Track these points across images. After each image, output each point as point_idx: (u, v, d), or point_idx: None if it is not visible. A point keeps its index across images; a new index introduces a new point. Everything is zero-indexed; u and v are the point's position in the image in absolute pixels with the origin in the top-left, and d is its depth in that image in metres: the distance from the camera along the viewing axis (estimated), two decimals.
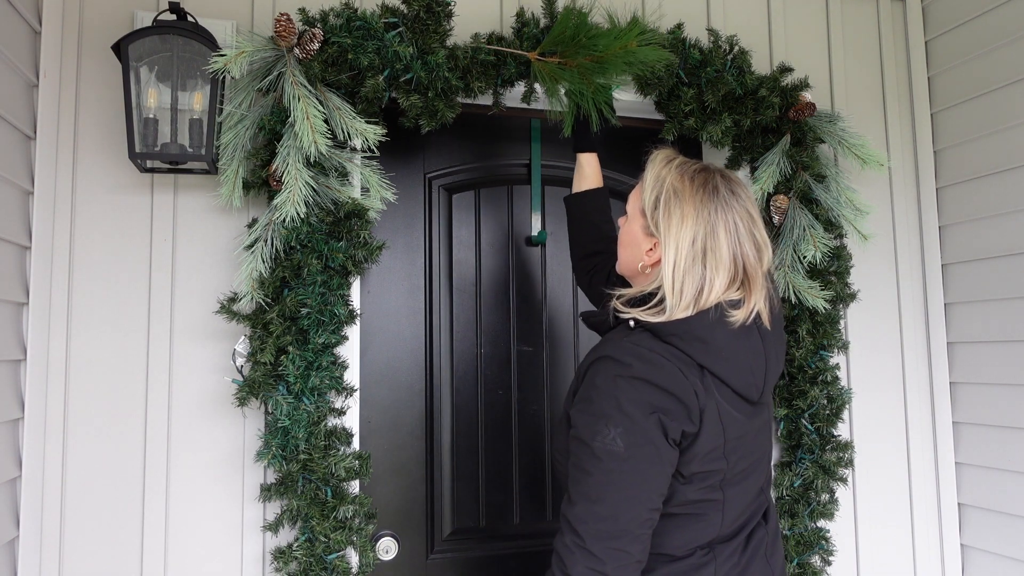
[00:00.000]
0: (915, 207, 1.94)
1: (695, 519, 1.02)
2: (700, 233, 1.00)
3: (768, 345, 1.05)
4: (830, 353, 1.65)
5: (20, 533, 1.29)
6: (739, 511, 1.05)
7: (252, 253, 1.30)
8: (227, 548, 1.40)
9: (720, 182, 1.04)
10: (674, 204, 1.02)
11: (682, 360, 0.97)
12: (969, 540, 1.82)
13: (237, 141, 1.32)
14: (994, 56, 1.77)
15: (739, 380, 1.00)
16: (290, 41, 1.30)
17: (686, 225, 1.00)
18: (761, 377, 1.03)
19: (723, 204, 1.02)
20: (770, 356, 1.05)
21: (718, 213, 1.01)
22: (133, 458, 1.37)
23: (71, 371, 1.35)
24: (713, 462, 0.99)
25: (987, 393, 1.78)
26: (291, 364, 1.29)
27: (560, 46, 1.45)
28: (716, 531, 1.03)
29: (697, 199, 1.02)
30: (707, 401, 0.97)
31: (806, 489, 1.61)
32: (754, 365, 1.02)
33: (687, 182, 1.03)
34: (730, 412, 1.00)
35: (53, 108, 1.37)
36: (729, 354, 0.99)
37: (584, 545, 0.95)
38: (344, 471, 1.32)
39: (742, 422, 1.01)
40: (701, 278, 1.00)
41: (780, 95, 1.65)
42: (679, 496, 1.00)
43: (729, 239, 1.01)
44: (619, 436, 0.95)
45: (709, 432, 0.97)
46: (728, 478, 1.02)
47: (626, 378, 0.96)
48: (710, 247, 1.00)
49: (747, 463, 1.04)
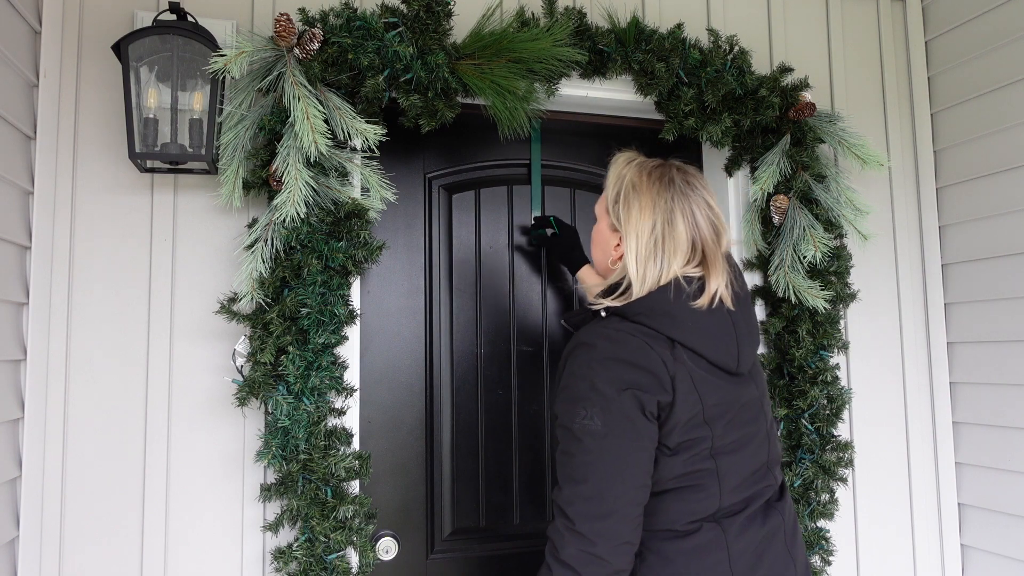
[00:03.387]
0: (915, 207, 1.94)
1: (692, 490, 1.04)
2: (658, 221, 1.07)
3: (736, 317, 1.09)
4: (830, 353, 1.65)
5: (20, 533, 1.29)
6: (739, 481, 1.06)
7: (252, 253, 1.30)
8: (227, 548, 1.40)
9: (676, 175, 1.11)
10: (633, 197, 1.10)
11: (649, 335, 1.03)
12: (969, 540, 1.82)
13: (237, 141, 1.32)
14: (994, 56, 1.77)
15: (711, 350, 1.04)
16: (290, 41, 1.30)
17: (644, 215, 1.08)
18: (734, 347, 1.07)
19: (679, 193, 1.09)
20: (739, 327, 1.09)
21: (675, 201, 1.08)
22: (133, 458, 1.37)
23: (71, 371, 1.35)
24: (695, 430, 1.02)
25: (987, 393, 1.78)
26: (291, 364, 1.29)
27: (480, 49, 1.44)
28: (716, 501, 1.04)
29: (654, 191, 1.09)
30: (677, 369, 1.01)
31: (806, 489, 1.61)
32: (723, 335, 1.07)
33: (644, 177, 1.11)
34: (706, 379, 1.03)
35: (53, 108, 1.37)
36: (695, 326, 1.04)
37: (574, 527, 0.97)
38: (344, 471, 1.32)
39: (724, 390, 1.05)
40: (661, 262, 1.07)
41: (780, 95, 1.65)
42: (670, 469, 1.02)
43: (686, 224, 1.08)
44: (596, 415, 0.99)
45: (684, 400, 1.01)
46: (718, 447, 1.04)
47: (597, 360, 1.01)
48: (668, 233, 1.07)
49: (739, 433, 1.07)
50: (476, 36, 1.45)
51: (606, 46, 1.57)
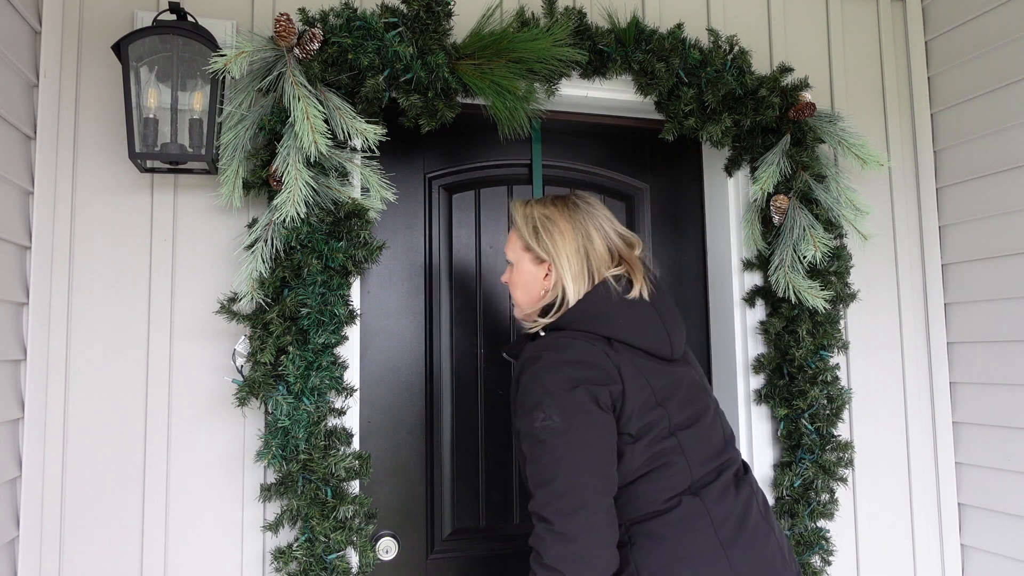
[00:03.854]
0: (915, 207, 1.94)
1: (663, 469, 1.09)
2: (580, 240, 1.20)
3: (660, 308, 1.19)
4: (830, 353, 1.65)
5: (20, 533, 1.29)
6: (704, 454, 1.12)
7: (252, 253, 1.30)
8: (227, 548, 1.40)
9: (577, 199, 1.24)
10: (551, 226, 1.21)
11: (587, 336, 1.11)
12: (969, 540, 1.82)
13: (237, 141, 1.31)
14: (994, 56, 1.77)
15: (643, 340, 1.13)
16: (290, 41, 1.30)
17: (567, 237, 1.19)
18: (664, 335, 1.16)
19: (587, 213, 1.22)
20: (665, 317, 1.18)
21: (587, 221, 1.21)
22: (133, 458, 1.37)
23: (71, 371, 1.35)
24: (650, 413, 1.09)
25: (987, 393, 1.78)
26: (291, 364, 1.29)
27: (480, 49, 1.45)
28: (688, 475, 1.09)
29: (567, 215, 1.21)
30: (620, 359, 1.09)
31: (806, 489, 1.61)
32: (653, 326, 1.15)
33: (552, 207, 1.23)
34: (648, 366, 1.11)
35: (53, 108, 1.37)
36: (624, 321, 1.13)
37: (553, 528, 1.00)
38: (344, 471, 1.32)
39: (666, 374, 1.13)
40: (592, 272, 1.18)
41: (780, 95, 1.65)
42: (637, 455, 1.08)
43: (602, 237, 1.21)
44: (553, 414, 1.04)
45: (634, 386, 1.08)
46: (675, 423, 1.11)
47: (544, 367, 1.08)
48: (590, 248, 1.20)
49: (692, 409, 1.14)
50: (476, 36, 1.45)
51: (606, 46, 1.57)
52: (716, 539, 1.06)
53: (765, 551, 1.10)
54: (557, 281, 1.19)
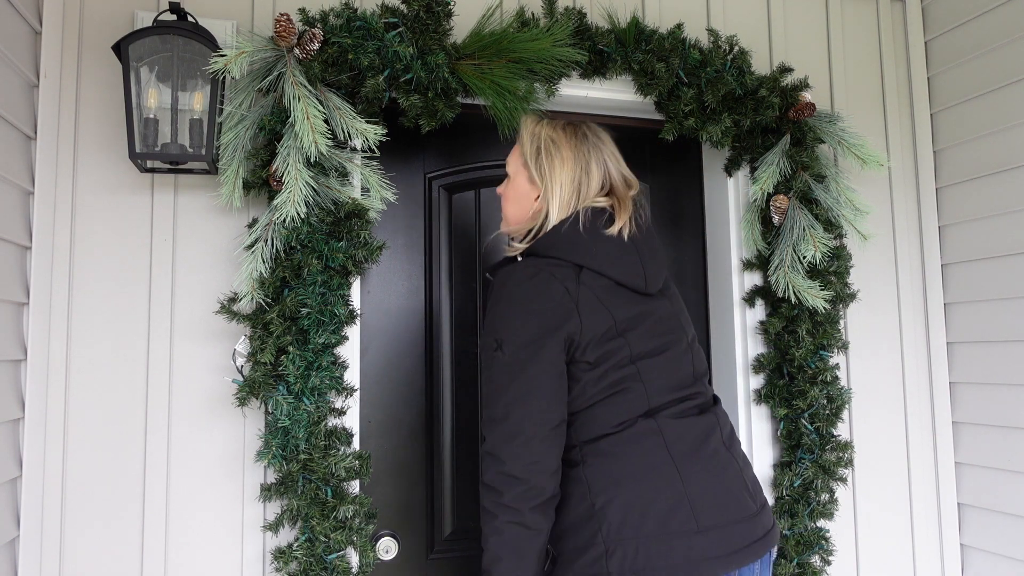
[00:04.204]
0: (915, 207, 1.94)
1: (619, 394, 1.11)
2: (578, 172, 1.19)
3: (639, 243, 1.18)
4: (830, 353, 1.65)
5: (20, 533, 1.29)
6: (665, 384, 1.13)
7: (252, 253, 1.30)
8: (227, 548, 1.40)
9: (587, 130, 1.23)
10: (554, 151, 1.20)
11: (555, 264, 1.12)
12: (969, 540, 1.82)
13: (237, 141, 1.32)
14: (994, 56, 1.77)
15: (615, 271, 1.14)
16: (290, 41, 1.30)
17: (566, 167, 1.19)
18: (639, 268, 1.16)
19: (593, 147, 1.21)
20: (642, 251, 1.18)
21: (591, 154, 1.20)
22: (133, 458, 1.37)
23: (71, 371, 1.35)
24: (610, 342, 1.10)
25: (987, 393, 1.78)
26: (291, 364, 1.29)
27: (480, 49, 1.45)
28: (645, 401, 1.11)
29: (572, 144, 1.20)
30: (581, 293, 1.10)
31: (806, 489, 1.61)
32: (627, 258, 1.16)
33: (560, 132, 1.22)
34: (614, 298, 1.12)
35: (53, 108, 1.37)
36: (599, 250, 1.14)
37: (490, 450, 1.07)
38: (344, 471, 1.32)
39: (636, 305, 1.14)
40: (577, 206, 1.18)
41: (780, 95, 1.65)
42: (594, 382, 1.10)
43: (600, 172, 1.20)
44: (503, 344, 1.08)
45: (593, 317, 1.09)
46: (636, 353, 1.12)
47: (506, 298, 1.11)
48: (584, 182, 1.19)
49: (659, 341, 1.15)
50: (476, 36, 1.46)
51: (606, 46, 1.57)
52: (668, 455, 1.07)
53: (724, 475, 1.09)
54: (544, 207, 1.19)
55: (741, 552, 1.04)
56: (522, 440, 1.05)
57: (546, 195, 1.19)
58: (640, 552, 1.01)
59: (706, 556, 1.01)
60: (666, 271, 1.23)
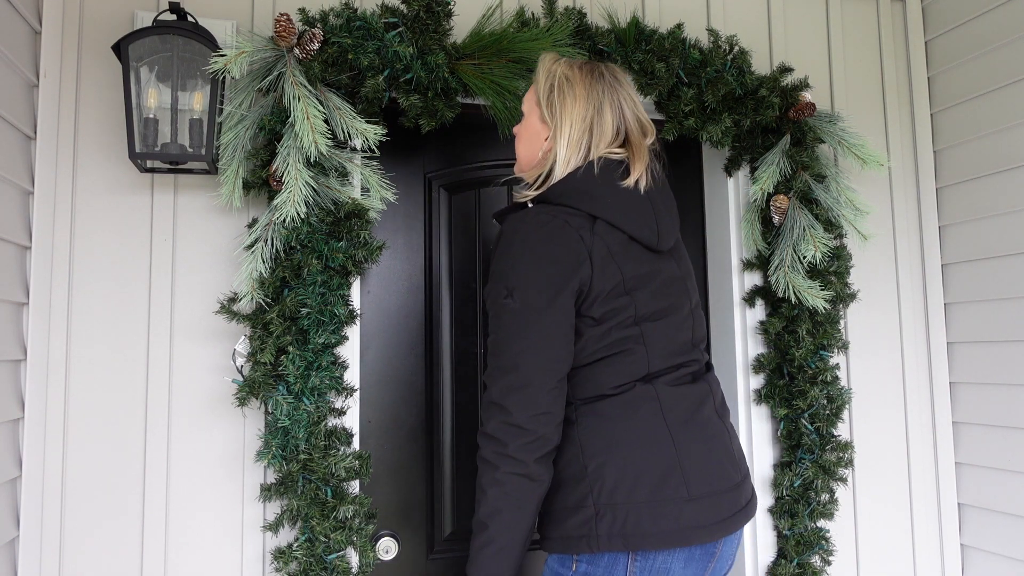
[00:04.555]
0: (915, 207, 1.94)
1: (621, 355, 1.08)
2: (590, 111, 1.13)
3: (654, 197, 1.14)
4: (830, 353, 1.65)
5: (20, 533, 1.29)
6: (666, 348, 1.11)
7: (252, 253, 1.30)
8: (227, 548, 1.40)
9: (605, 70, 1.18)
10: (567, 88, 1.15)
11: (569, 213, 1.08)
12: (969, 540, 1.82)
13: (237, 141, 1.32)
14: (994, 56, 1.77)
15: (629, 224, 1.09)
16: (290, 41, 1.30)
17: (578, 105, 1.13)
18: (653, 223, 1.12)
19: (608, 87, 1.15)
20: (657, 205, 1.14)
21: (605, 94, 1.15)
22: (133, 458, 1.37)
23: (71, 371, 1.35)
24: (617, 299, 1.07)
25: (987, 393, 1.78)
26: (291, 364, 1.29)
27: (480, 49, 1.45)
28: (645, 365, 1.09)
29: (586, 83, 1.15)
30: (595, 243, 1.06)
31: (806, 489, 1.61)
32: (642, 212, 1.11)
33: (576, 70, 1.17)
34: (625, 253, 1.08)
35: (53, 108, 1.37)
36: (614, 201, 1.09)
37: (495, 399, 1.04)
38: (344, 471, 1.32)
39: (645, 263, 1.10)
40: (588, 148, 1.13)
41: (780, 95, 1.65)
42: (596, 339, 1.07)
43: (614, 115, 1.15)
44: (513, 292, 1.05)
45: (603, 272, 1.06)
46: (642, 314, 1.09)
47: (517, 244, 1.06)
48: (597, 123, 1.14)
49: (663, 303, 1.12)
50: (476, 36, 1.46)
51: (606, 46, 1.57)
52: (663, 422, 1.06)
53: (714, 444, 1.09)
54: (554, 148, 1.15)
55: (727, 521, 1.05)
56: (531, 391, 1.02)
57: (555, 135, 1.14)
58: (630, 517, 1.01)
59: (694, 524, 1.02)
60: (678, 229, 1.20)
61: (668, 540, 1.01)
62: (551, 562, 1.10)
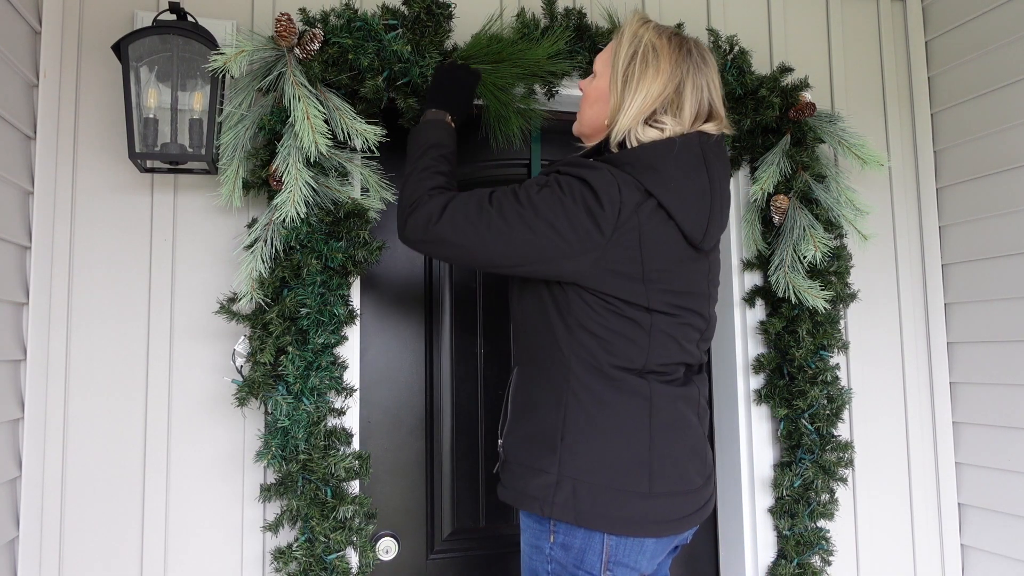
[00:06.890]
0: (915, 207, 1.94)
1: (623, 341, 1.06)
2: (669, 88, 1.08)
3: (715, 191, 1.09)
4: (830, 353, 1.65)
5: (20, 533, 1.29)
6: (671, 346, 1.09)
7: (252, 253, 1.30)
8: (227, 548, 1.40)
9: (693, 46, 1.11)
10: (651, 58, 1.08)
11: (627, 181, 1.02)
12: (969, 540, 1.82)
13: (237, 141, 1.31)
14: (994, 56, 1.77)
15: (684, 215, 1.04)
16: (290, 41, 1.30)
17: (659, 79, 1.07)
18: (705, 218, 1.07)
19: (694, 66, 1.09)
20: (715, 202, 1.09)
21: (688, 73, 1.08)
22: (133, 458, 1.37)
23: (71, 371, 1.35)
24: (631, 285, 1.03)
25: (987, 393, 1.78)
26: (291, 364, 1.29)
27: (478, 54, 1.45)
28: (644, 357, 1.06)
29: (673, 57, 1.09)
30: (630, 219, 1.01)
31: (806, 489, 1.61)
32: (700, 204, 1.06)
33: (664, 41, 1.10)
34: (659, 244, 1.03)
35: (53, 108, 1.37)
36: (677, 185, 1.03)
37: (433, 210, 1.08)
38: (344, 471, 1.32)
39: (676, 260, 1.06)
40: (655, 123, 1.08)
41: (780, 95, 1.65)
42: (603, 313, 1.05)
43: (692, 98, 1.09)
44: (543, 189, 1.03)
45: (621, 251, 1.02)
46: (655, 307, 1.06)
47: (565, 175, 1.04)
48: (673, 100, 1.08)
49: (681, 300, 1.08)
50: (476, 42, 1.45)
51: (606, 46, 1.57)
52: (647, 423, 1.05)
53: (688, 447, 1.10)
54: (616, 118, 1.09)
55: (682, 520, 1.06)
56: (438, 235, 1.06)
57: (623, 104, 1.08)
58: (587, 496, 1.02)
59: (648, 519, 1.03)
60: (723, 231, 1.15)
61: (616, 526, 1.02)
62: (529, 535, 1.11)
